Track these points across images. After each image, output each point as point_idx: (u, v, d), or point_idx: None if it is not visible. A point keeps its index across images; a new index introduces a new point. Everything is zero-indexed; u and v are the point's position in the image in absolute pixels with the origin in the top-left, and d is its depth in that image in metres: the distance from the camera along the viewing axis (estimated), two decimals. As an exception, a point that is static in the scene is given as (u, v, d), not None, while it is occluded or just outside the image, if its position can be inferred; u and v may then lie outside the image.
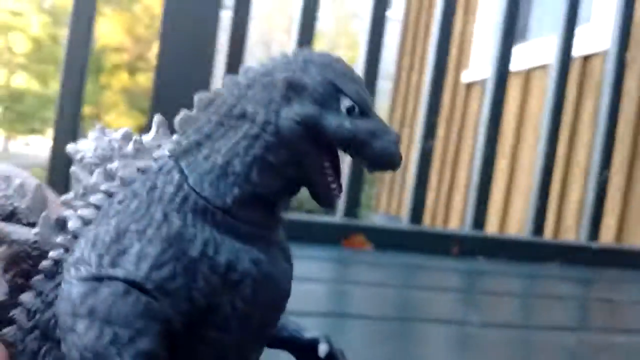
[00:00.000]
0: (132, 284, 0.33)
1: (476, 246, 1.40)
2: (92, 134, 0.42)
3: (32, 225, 0.38)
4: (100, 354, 0.32)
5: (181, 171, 0.36)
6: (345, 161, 1.44)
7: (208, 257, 0.34)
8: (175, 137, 0.37)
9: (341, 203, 1.42)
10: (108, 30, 10.02)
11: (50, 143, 1.20)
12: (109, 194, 0.36)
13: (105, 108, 10.35)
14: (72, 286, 0.33)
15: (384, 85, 5.06)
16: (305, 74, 0.36)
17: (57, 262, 0.36)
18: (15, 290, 0.37)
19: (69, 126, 1.21)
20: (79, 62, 1.21)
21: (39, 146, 12.50)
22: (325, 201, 0.37)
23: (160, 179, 0.36)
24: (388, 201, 4.29)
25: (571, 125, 2.32)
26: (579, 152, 2.29)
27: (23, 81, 10.45)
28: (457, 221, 3.28)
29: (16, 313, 0.36)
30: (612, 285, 1.24)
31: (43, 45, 9.95)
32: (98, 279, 0.33)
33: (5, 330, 0.36)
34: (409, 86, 4.25)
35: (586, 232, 1.54)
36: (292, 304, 0.39)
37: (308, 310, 0.75)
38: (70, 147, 0.42)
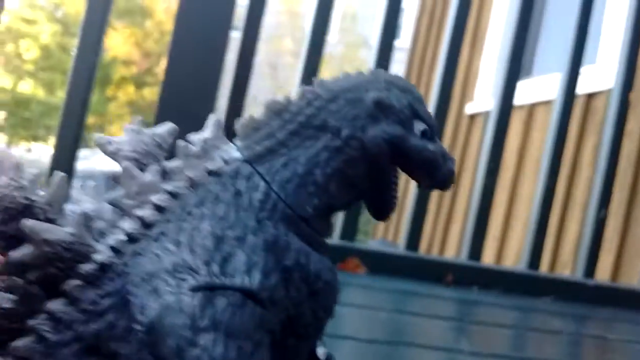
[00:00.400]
0: (247, 294, 0.32)
1: (471, 276, 1.40)
2: (128, 128, 0.38)
3: (50, 221, 0.33)
4: None
5: (263, 178, 0.35)
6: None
7: (301, 266, 0.34)
8: (240, 141, 0.36)
9: (338, 226, 1.42)
10: (118, 42, 10.10)
11: (52, 150, 1.20)
12: (175, 195, 0.34)
13: (110, 119, 10.39)
14: (182, 296, 0.30)
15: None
16: (391, 95, 0.37)
17: (104, 267, 0.32)
18: (30, 297, 0.31)
19: (72, 134, 1.21)
20: (87, 71, 1.21)
21: (40, 153, 12.53)
22: (386, 215, 0.39)
23: (242, 185, 0.34)
24: (386, 227, 4.28)
25: (572, 162, 2.33)
26: (578, 188, 2.29)
27: (29, 88, 10.50)
28: (454, 251, 3.27)
29: (37, 323, 0.31)
30: (606, 323, 1.23)
31: (52, 53, 10.02)
32: (211, 288, 0.31)
33: (18, 343, 0.31)
34: (413, 114, 4.26)
35: (582, 268, 1.54)
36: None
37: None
38: (100, 138, 0.38)
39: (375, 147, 0.36)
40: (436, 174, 0.39)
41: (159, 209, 0.33)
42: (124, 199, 0.34)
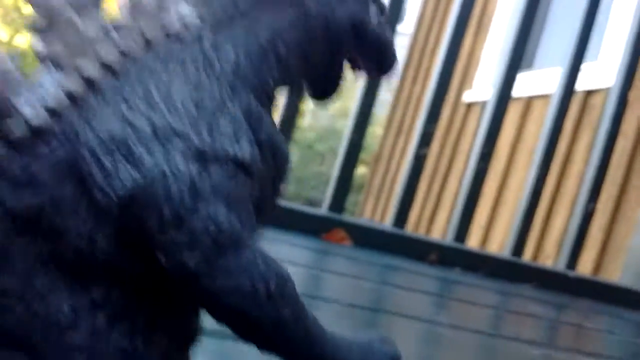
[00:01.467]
0: (238, 164, 0.30)
1: (455, 257, 1.41)
2: None
3: None
4: (236, 239, 0.29)
5: (232, 46, 0.32)
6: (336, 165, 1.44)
7: (271, 139, 0.32)
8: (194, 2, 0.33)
9: (328, 197, 1.43)
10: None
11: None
12: (125, 54, 0.29)
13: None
14: (175, 162, 0.28)
15: (384, 97, 5.08)
16: None
17: (38, 131, 0.28)
18: None
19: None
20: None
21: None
22: (327, 94, 0.38)
23: (210, 52, 0.31)
24: (373, 208, 4.29)
25: (565, 156, 2.34)
26: (568, 182, 2.31)
27: (25, 41, 10.38)
28: (440, 234, 3.29)
29: None
30: (584, 313, 1.25)
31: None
32: (203, 155, 0.29)
33: None
34: (410, 97, 4.27)
35: (565, 260, 1.55)
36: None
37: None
38: None
39: (340, 28, 0.36)
40: (387, 62, 0.38)
41: (107, 67, 0.29)
42: (62, 54, 0.29)
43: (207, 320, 0.30)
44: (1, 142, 0.27)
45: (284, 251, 1.02)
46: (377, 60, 0.38)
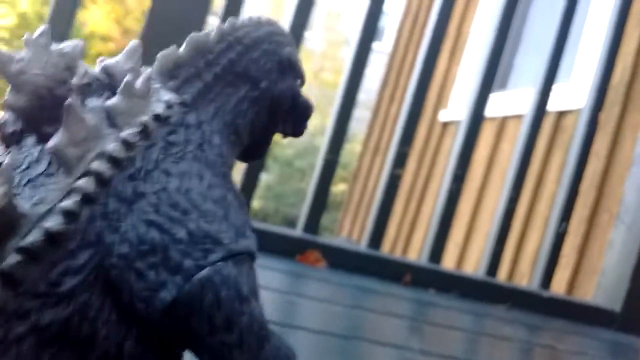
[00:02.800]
0: (252, 256, 0.32)
1: (429, 278, 1.41)
2: (31, 41, 0.30)
3: None
4: (268, 329, 0.31)
5: (210, 129, 0.34)
6: (312, 184, 1.44)
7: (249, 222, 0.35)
8: (160, 75, 0.33)
9: (303, 218, 1.42)
10: (97, 17, 9.94)
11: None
12: (130, 145, 0.29)
13: (82, 95, 10.21)
14: (219, 268, 0.29)
15: (364, 114, 5.10)
16: (294, 51, 0.40)
17: (54, 237, 0.26)
18: None
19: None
20: (60, 39, 1.19)
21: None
22: (258, 157, 0.42)
23: (196, 136, 0.32)
24: (351, 226, 4.29)
25: (537, 176, 2.37)
26: (541, 203, 2.33)
27: (3, 55, 10.25)
28: (416, 255, 3.30)
29: None
30: (557, 334, 1.26)
31: (29, 22, 9.82)
32: (234, 255, 0.30)
33: None
34: (387, 117, 4.29)
35: (539, 280, 1.56)
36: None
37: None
38: (2, 53, 0.30)
39: (282, 100, 0.39)
40: (304, 125, 0.42)
41: (115, 161, 0.28)
42: (68, 148, 0.28)
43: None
44: (18, 252, 0.25)
45: (257, 274, 1.01)
46: (299, 124, 0.42)
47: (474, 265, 2.64)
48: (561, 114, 2.37)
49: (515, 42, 2.92)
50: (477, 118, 1.52)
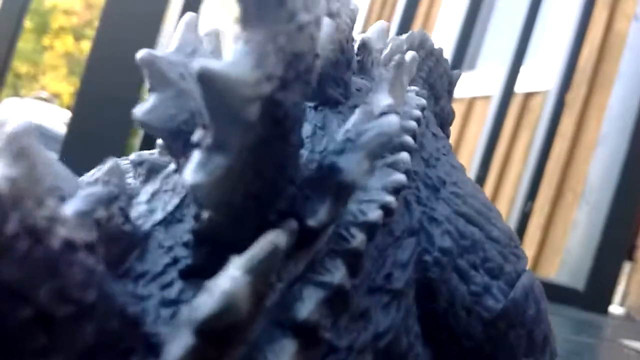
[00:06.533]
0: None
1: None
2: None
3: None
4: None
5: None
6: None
7: None
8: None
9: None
10: (59, -10, 9.68)
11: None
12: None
13: (44, 69, 9.98)
14: (534, 278, 0.27)
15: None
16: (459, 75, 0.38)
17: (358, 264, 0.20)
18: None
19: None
20: (18, 12, 1.15)
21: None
22: None
23: (444, 137, 0.30)
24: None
25: (504, 156, 2.39)
26: (507, 182, 2.36)
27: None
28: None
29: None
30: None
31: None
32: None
33: None
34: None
35: (504, 259, 1.58)
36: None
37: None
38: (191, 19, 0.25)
39: (448, 124, 0.36)
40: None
41: (415, 137, 0.24)
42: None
43: None
44: (361, 229, 0.20)
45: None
46: None
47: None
48: (528, 95, 2.39)
49: (484, 23, 2.93)
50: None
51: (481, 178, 1.57)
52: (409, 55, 0.26)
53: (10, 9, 1.14)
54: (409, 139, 0.23)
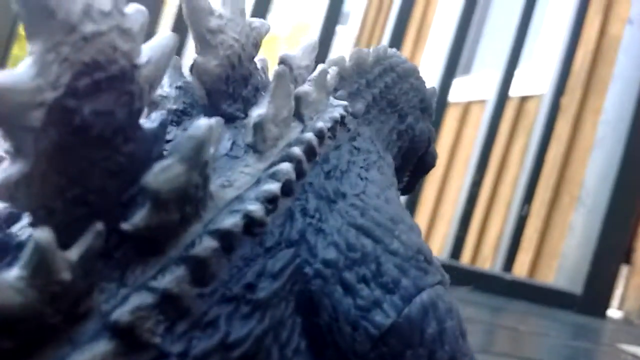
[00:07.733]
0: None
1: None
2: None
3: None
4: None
5: (381, 147, 0.31)
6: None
7: None
8: (335, 90, 0.30)
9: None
10: None
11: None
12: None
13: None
14: (441, 294, 0.25)
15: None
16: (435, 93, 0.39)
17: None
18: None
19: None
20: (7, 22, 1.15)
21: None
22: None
23: (373, 147, 0.29)
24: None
25: (500, 161, 2.39)
26: (504, 187, 2.36)
27: None
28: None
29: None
30: (519, 315, 1.27)
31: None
32: (443, 279, 0.27)
33: None
34: (352, 103, 4.29)
35: (501, 263, 1.58)
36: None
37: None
38: (202, 3, 0.25)
39: (420, 144, 0.36)
40: (419, 180, 0.41)
41: (312, 152, 0.25)
42: (270, 124, 0.23)
43: None
44: (213, 236, 0.21)
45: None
46: (421, 175, 0.41)
47: (438, 250, 2.66)
48: (524, 99, 2.39)
49: (478, 27, 2.94)
50: (441, 104, 1.52)
51: (477, 182, 1.57)
52: (319, 68, 0.27)
53: (4, 16, 1.13)
54: (296, 150, 0.23)
